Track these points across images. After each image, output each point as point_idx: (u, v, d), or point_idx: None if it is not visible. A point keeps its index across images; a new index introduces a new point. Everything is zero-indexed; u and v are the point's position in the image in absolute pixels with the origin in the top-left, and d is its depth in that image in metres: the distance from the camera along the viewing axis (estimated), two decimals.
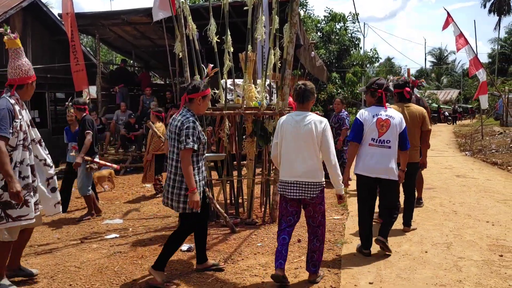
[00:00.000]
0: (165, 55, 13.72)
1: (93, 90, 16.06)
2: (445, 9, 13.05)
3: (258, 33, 7.05)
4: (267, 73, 7.10)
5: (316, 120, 4.49)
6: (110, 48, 21.59)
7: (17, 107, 4.42)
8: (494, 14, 59.00)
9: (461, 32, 12.93)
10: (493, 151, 15.18)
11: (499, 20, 57.65)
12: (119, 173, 13.16)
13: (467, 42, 13.27)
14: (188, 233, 4.77)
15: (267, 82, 7.30)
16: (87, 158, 7.56)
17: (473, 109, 42.42)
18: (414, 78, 8.29)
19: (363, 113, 5.39)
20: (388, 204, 5.48)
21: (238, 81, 8.40)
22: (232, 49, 7.06)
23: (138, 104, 16.01)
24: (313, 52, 16.67)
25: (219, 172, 7.39)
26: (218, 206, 6.51)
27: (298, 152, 4.50)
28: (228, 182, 7.45)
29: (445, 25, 12.89)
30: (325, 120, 4.53)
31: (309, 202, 4.55)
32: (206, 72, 5.55)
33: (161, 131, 8.57)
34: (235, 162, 7.50)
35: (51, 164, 4.86)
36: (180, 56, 6.91)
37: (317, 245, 4.62)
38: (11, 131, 4.26)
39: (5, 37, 4.54)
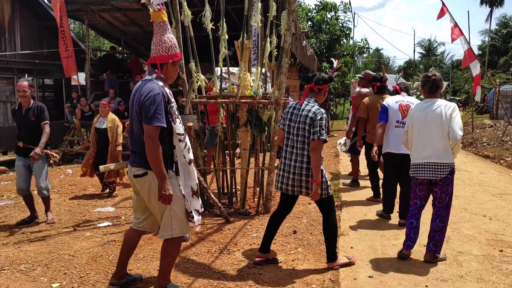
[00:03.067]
0: None
1: (81, 76, 15.86)
2: None
3: (254, 20, 6.92)
4: (263, 62, 6.99)
5: (445, 104, 4.79)
6: (99, 34, 21.39)
7: (167, 89, 3.92)
8: (486, 5, 58.85)
9: (455, 22, 12.84)
10: (484, 144, 15.21)
11: (491, 12, 57.62)
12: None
13: (461, 33, 13.19)
14: (334, 212, 4.81)
15: (262, 71, 7.18)
16: (46, 151, 6.70)
17: (465, 101, 42.33)
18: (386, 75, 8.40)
19: (387, 100, 6.40)
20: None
21: (233, 70, 8.27)
22: (227, 37, 6.93)
23: (128, 91, 15.80)
24: (304, 41, 16.59)
25: (213, 161, 7.29)
26: (212, 195, 6.41)
27: (428, 135, 4.80)
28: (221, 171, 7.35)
29: (440, 15, 12.79)
30: (453, 105, 4.82)
31: (438, 183, 4.79)
32: (334, 66, 5.98)
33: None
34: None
35: None
36: None
37: (440, 225, 4.86)
38: (174, 118, 3.85)
39: (150, 10, 4.04)
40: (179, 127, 3.87)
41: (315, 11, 29.72)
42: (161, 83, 3.86)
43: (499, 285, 4.27)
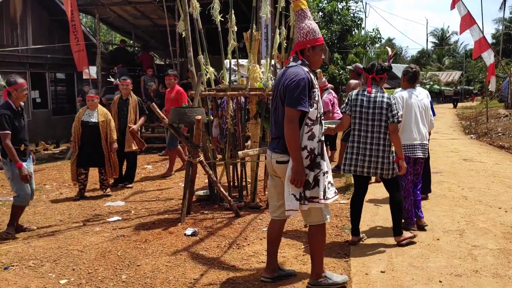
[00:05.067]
0: (165, 35, 13.48)
1: (93, 70, 15.87)
2: None
3: (263, 11, 6.82)
4: (272, 53, 6.90)
5: (426, 94, 5.83)
6: (109, 28, 21.35)
7: (311, 75, 3.91)
8: None
9: (468, 11, 12.65)
10: (499, 134, 14.98)
11: (505, 0, 56.64)
12: None
13: (474, 22, 12.98)
14: (400, 189, 5.23)
15: (272, 62, 7.09)
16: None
17: (481, 90, 41.23)
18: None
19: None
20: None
21: (242, 62, 8.19)
22: (235, 29, 6.85)
23: (138, 85, 15.78)
24: None
25: (222, 154, 7.23)
26: (222, 188, 6.35)
27: (421, 119, 5.62)
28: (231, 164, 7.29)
29: (453, 5, 12.64)
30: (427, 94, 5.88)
31: (420, 161, 5.65)
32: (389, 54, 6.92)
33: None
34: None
35: None
36: (183, 35, 6.68)
37: (421, 195, 5.88)
38: (312, 103, 3.84)
39: (291, 1, 4.19)
40: (314, 113, 3.85)
41: (326, 1, 29.41)
42: (306, 69, 3.88)
43: None
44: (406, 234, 5.17)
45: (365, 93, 4.99)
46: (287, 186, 3.86)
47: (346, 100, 5.14)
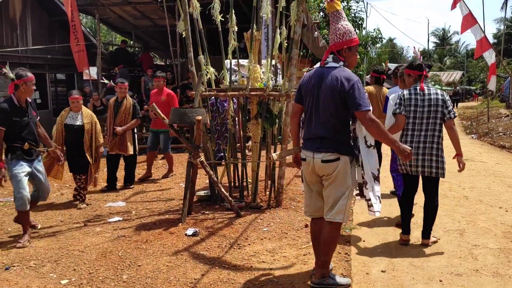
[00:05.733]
0: (165, 36, 13.48)
1: (93, 71, 15.88)
2: None
3: (264, 11, 6.82)
4: (273, 53, 6.90)
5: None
6: (110, 28, 21.36)
7: None
8: None
9: (470, 11, 12.65)
10: (500, 134, 14.99)
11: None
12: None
13: (475, 21, 12.98)
14: (438, 193, 5.18)
15: (272, 62, 7.09)
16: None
17: (482, 90, 41.21)
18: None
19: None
20: None
21: (243, 62, 8.19)
22: (236, 29, 6.85)
23: (139, 85, 15.79)
24: (316, 32, 16.39)
25: (224, 154, 7.23)
26: (222, 189, 6.35)
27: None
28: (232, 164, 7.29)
29: (454, 5, 12.63)
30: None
31: None
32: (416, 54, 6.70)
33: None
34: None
35: None
36: (183, 36, 6.68)
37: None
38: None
39: (325, 2, 4.19)
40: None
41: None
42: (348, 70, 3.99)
43: None
44: (432, 238, 5.16)
45: (418, 91, 5.00)
46: (371, 187, 4.08)
47: (397, 101, 5.09)
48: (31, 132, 5.68)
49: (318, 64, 4.15)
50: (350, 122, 4.05)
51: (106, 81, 9.11)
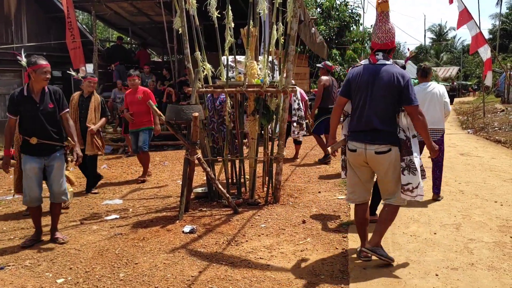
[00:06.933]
0: (162, 32, 13.45)
1: (89, 68, 15.82)
2: None
3: (260, 7, 6.81)
4: (270, 49, 6.90)
5: (438, 87, 6.62)
6: (106, 25, 21.30)
7: None
8: None
9: (465, 7, 12.66)
10: (496, 128, 15.03)
11: None
12: (117, 152, 13.00)
13: (471, 17, 12.99)
14: None
15: (269, 58, 7.09)
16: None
17: (479, 85, 41.26)
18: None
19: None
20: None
21: (240, 58, 8.18)
22: (233, 25, 6.83)
23: None
24: (313, 28, 16.40)
25: (221, 151, 7.22)
26: (220, 185, 6.35)
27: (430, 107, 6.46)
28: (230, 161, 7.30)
29: (451, 0, 12.65)
30: (442, 87, 6.69)
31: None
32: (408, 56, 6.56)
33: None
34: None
35: None
36: (180, 32, 6.67)
37: (439, 174, 6.72)
38: None
39: (378, 1, 4.35)
40: None
41: None
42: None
43: (510, 273, 4.19)
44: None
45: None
46: (417, 174, 4.28)
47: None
48: (41, 125, 5.19)
49: (364, 61, 4.47)
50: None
51: (73, 73, 8.72)
